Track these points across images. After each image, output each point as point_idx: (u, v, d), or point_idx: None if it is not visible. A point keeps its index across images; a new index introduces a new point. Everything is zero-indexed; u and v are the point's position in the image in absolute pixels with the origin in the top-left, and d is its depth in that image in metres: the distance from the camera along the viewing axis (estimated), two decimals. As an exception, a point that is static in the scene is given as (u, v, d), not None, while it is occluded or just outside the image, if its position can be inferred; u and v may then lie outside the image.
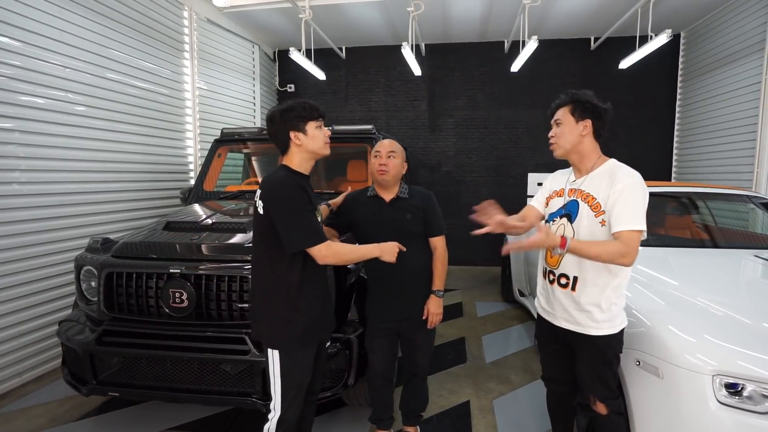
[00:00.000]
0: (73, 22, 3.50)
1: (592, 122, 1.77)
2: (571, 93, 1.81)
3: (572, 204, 1.81)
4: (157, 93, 4.49)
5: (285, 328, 1.77)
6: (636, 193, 1.64)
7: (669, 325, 1.89)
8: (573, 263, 1.77)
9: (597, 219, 1.71)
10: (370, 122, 7.26)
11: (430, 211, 2.31)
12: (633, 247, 1.59)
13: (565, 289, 1.80)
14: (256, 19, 5.91)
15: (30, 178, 3.21)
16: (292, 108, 1.79)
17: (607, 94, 6.70)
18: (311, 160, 1.86)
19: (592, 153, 1.81)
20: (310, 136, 1.80)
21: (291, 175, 1.77)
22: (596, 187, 1.75)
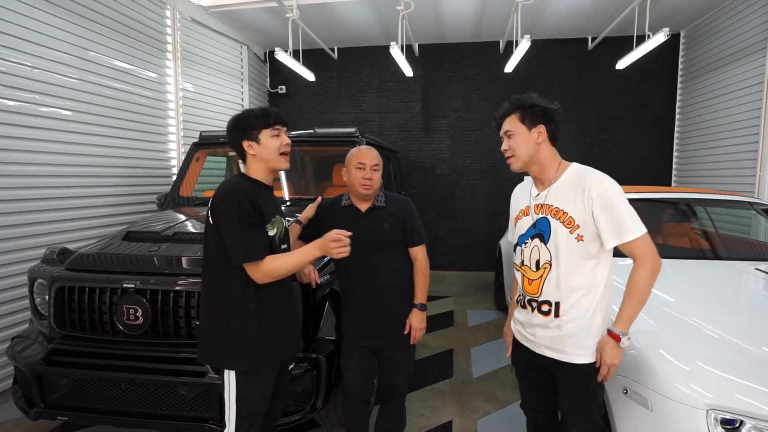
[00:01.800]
0: (42, 20, 3.36)
1: (545, 127, 1.60)
2: (515, 99, 1.64)
3: (542, 222, 1.63)
4: (136, 95, 4.34)
5: (237, 349, 1.63)
6: (616, 197, 1.49)
7: (660, 350, 1.72)
8: (554, 288, 1.60)
9: (572, 235, 1.54)
10: (362, 124, 7.19)
11: (409, 219, 2.16)
12: (651, 251, 1.47)
13: (547, 316, 1.63)
14: (243, 18, 5.76)
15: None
16: (245, 116, 1.70)
17: (605, 95, 6.60)
18: (267, 170, 1.74)
19: (551, 160, 1.64)
20: (263, 145, 1.69)
21: (244, 183, 1.67)
22: (564, 198, 1.58)
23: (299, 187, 3.81)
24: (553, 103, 1.63)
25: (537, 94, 1.63)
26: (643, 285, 1.48)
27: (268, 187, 1.77)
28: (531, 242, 1.67)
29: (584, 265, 1.55)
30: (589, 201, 1.50)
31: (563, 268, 1.56)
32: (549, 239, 1.60)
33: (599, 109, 6.61)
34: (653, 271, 1.47)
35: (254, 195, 1.62)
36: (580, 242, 1.53)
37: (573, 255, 1.55)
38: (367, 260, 2.10)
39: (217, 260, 1.63)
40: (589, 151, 6.71)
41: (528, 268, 1.68)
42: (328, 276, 2.49)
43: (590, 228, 1.51)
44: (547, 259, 1.60)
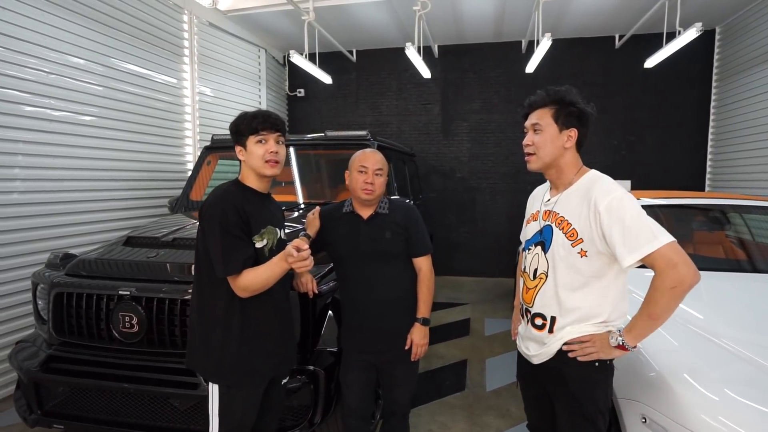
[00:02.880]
0: (58, 26, 3.41)
1: (577, 131, 1.45)
2: (553, 91, 1.46)
3: (547, 230, 1.49)
4: (153, 99, 4.38)
5: (218, 360, 1.56)
6: (627, 208, 1.30)
7: (684, 374, 1.56)
8: (549, 301, 1.46)
9: (575, 249, 1.39)
10: (380, 127, 7.10)
11: (413, 227, 2.03)
12: (676, 260, 1.23)
13: (540, 331, 1.49)
14: (260, 22, 5.77)
15: (11, 187, 3.11)
16: (238, 120, 1.64)
17: (632, 96, 6.30)
18: (259, 178, 1.66)
19: (572, 167, 1.49)
20: (250, 151, 1.62)
21: (235, 191, 1.59)
22: (571, 208, 1.43)
23: (313, 191, 3.74)
24: (590, 105, 1.47)
25: (577, 91, 1.47)
26: (657, 296, 1.26)
27: (263, 195, 1.69)
28: (534, 249, 1.55)
29: (588, 285, 1.40)
30: (596, 216, 1.33)
31: (560, 282, 1.43)
32: (549, 249, 1.46)
33: (626, 110, 6.32)
34: (676, 284, 1.23)
35: (243, 204, 1.55)
36: (583, 258, 1.38)
37: (572, 270, 1.40)
38: (367, 270, 2.00)
39: (204, 267, 1.57)
40: (615, 154, 6.43)
41: (527, 276, 1.57)
42: (332, 284, 2.40)
43: (596, 244, 1.35)
44: (544, 270, 1.48)
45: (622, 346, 1.34)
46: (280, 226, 1.73)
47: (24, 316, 3.27)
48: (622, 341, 1.34)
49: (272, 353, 1.66)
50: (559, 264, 1.42)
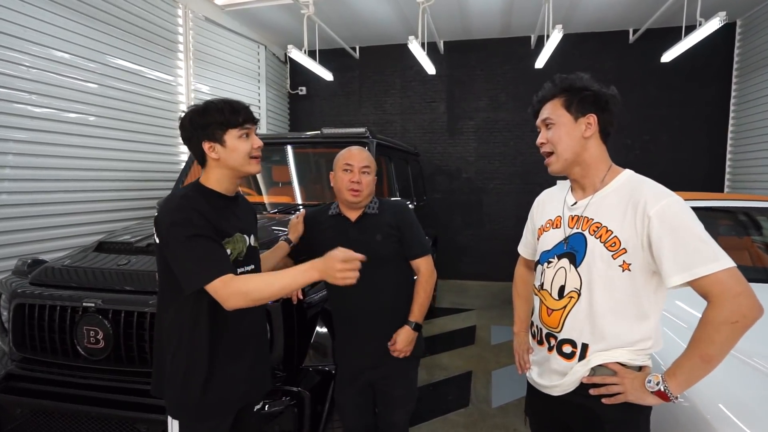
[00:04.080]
0: (42, 18, 3.24)
1: (597, 117, 1.22)
2: (561, 79, 1.26)
3: (576, 238, 1.24)
4: (145, 96, 4.20)
5: (179, 392, 1.35)
6: (685, 217, 1.07)
7: (720, 404, 1.34)
8: (582, 324, 1.22)
9: (615, 261, 1.15)
10: (384, 125, 6.89)
11: (406, 227, 1.86)
12: (736, 290, 1.01)
13: (569, 360, 1.25)
14: (259, 17, 5.58)
15: None
16: (205, 111, 1.37)
17: (647, 92, 6.00)
18: (233, 177, 1.43)
19: (599, 162, 1.25)
20: (230, 148, 1.37)
21: (193, 196, 1.35)
22: (610, 212, 1.19)
23: (309, 191, 3.55)
24: (609, 88, 1.25)
25: (589, 76, 1.25)
26: (712, 333, 1.02)
27: (229, 198, 1.45)
28: (557, 262, 1.28)
29: (630, 305, 1.16)
30: (644, 220, 1.10)
31: (597, 302, 1.18)
32: (582, 262, 1.21)
33: (641, 107, 6.04)
34: (738, 317, 0.99)
35: (205, 210, 1.32)
36: (625, 272, 1.14)
37: (613, 288, 1.16)
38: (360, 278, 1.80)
39: (169, 284, 1.36)
40: (628, 154, 6.16)
41: (548, 294, 1.30)
42: (322, 293, 2.20)
43: (641, 256, 1.12)
44: (575, 287, 1.22)
45: (663, 393, 1.09)
46: (250, 232, 1.51)
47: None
48: (665, 388, 1.08)
49: (243, 379, 1.45)
50: (596, 280, 1.18)
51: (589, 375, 1.20)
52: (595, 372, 1.20)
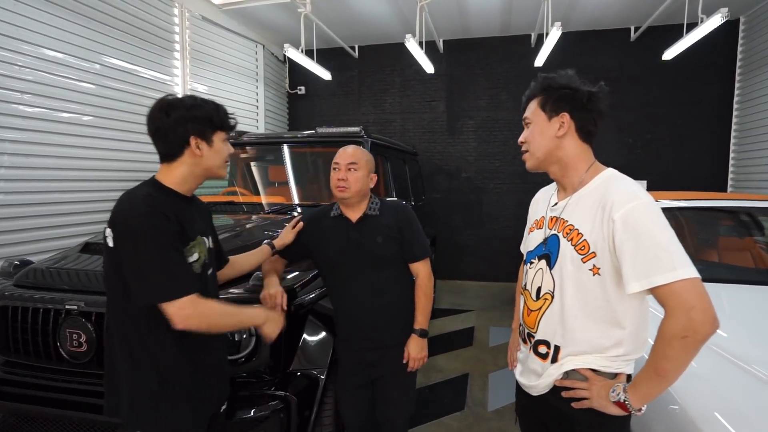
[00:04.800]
0: (35, 17, 3.22)
1: (570, 115, 1.19)
2: (542, 78, 1.25)
3: (552, 240, 1.22)
4: (140, 95, 4.17)
5: (153, 407, 1.28)
6: (650, 221, 1.03)
7: (715, 412, 1.30)
8: (554, 326, 1.20)
9: (585, 265, 1.12)
10: (383, 125, 6.85)
11: (407, 228, 1.85)
12: (692, 303, 0.96)
13: (543, 360, 1.23)
14: (257, 16, 5.55)
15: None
16: (202, 105, 1.33)
17: (649, 90, 5.93)
18: (201, 177, 1.38)
19: (578, 161, 1.22)
20: (215, 149, 1.35)
21: (156, 195, 1.27)
22: (582, 214, 1.16)
23: (304, 191, 3.50)
24: (597, 85, 1.21)
25: (574, 73, 1.22)
26: (665, 347, 0.99)
27: (188, 199, 1.39)
28: (537, 263, 1.28)
29: (602, 309, 1.12)
30: (609, 223, 1.06)
31: (568, 305, 1.16)
32: (555, 264, 1.19)
33: (642, 106, 5.98)
34: (687, 332, 0.95)
35: (171, 213, 1.24)
36: (595, 276, 1.11)
37: (583, 292, 1.13)
38: (358, 278, 1.83)
39: (117, 295, 1.26)
40: (630, 153, 6.09)
41: (529, 295, 1.30)
42: (313, 295, 2.17)
43: (608, 260, 1.09)
44: (549, 289, 1.21)
45: (622, 404, 1.07)
46: (208, 234, 1.45)
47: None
48: (625, 399, 1.06)
49: (214, 384, 1.41)
50: (567, 282, 1.16)
51: (562, 378, 1.19)
52: (568, 376, 1.18)
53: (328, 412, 2.03)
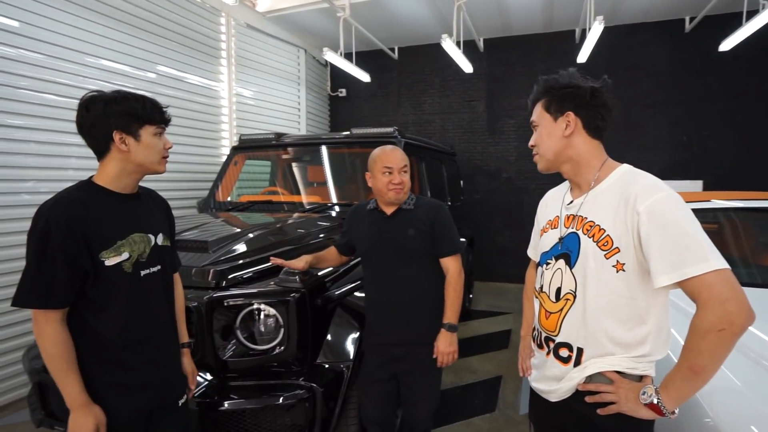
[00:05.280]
0: (100, 33, 3.51)
1: (575, 114, 1.18)
2: (543, 80, 1.25)
3: (571, 238, 1.20)
4: (189, 101, 4.44)
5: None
6: (677, 212, 1.01)
7: (752, 426, 1.22)
8: (577, 327, 1.17)
9: (608, 261, 1.09)
10: (423, 125, 6.86)
11: (439, 224, 1.90)
12: (726, 295, 0.93)
13: (565, 364, 1.20)
14: (298, 22, 5.73)
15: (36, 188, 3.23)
16: (125, 99, 1.30)
17: (705, 85, 5.60)
18: (137, 173, 1.37)
19: (590, 158, 1.21)
20: (144, 143, 1.32)
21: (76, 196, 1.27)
22: (602, 210, 1.14)
23: (340, 191, 3.59)
24: (600, 80, 1.20)
25: (575, 70, 1.22)
26: (699, 341, 0.95)
27: (127, 197, 1.37)
28: (554, 263, 1.25)
29: (626, 307, 1.10)
30: (633, 216, 1.04)
31: (592, 304, 1.13)
32: (576, 262, 1.17)
33: (698, 101, 5.63)
34: (725, 325, 0.92)
35: (87, 214, 1.24)
36: (619, 273, 1.08)
37: (608, 289, 1.11)
38: (388, 270, 1.90)
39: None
40: (684, 151, 5.75)
41: (546, 297, 1.27)
42: (345, 289, 2.25)
43: (633, 255, 1.06)
44: (571, 289, 1.18)
45: (656, 406, 1.03)
46: (157, 231, 1.44)
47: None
48: (658, 401, 1.02)
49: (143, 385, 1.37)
50: (589, 281, 1.13)
51: (585, 382, 1.15)
52: (592, 379, 1.15)
53: (354, 405, 2.09)
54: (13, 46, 3.01)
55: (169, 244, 1.52)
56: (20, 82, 3.07)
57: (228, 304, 1.92)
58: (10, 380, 3.09)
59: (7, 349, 3.05)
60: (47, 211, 1.21)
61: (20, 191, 3.10)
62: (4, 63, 2.97)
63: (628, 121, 5.84)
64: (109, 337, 1.30)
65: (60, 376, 1.23)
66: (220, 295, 1.92)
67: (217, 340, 1.92)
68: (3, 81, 2.97)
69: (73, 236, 1.21)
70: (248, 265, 2.12)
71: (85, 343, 1.28)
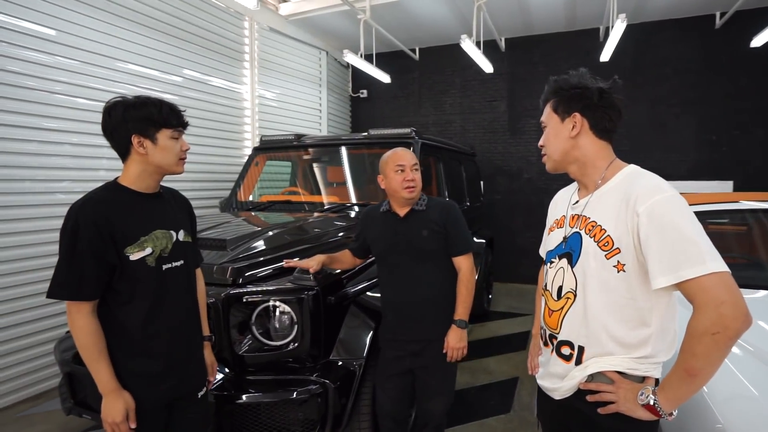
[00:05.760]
0: (130, 39, 3.66)
1: (581, 114, 1.19)
2: (553, 81, 1.25)
3: (574, 238, 1.21)
4: (213, 103, 4.57)
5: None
6: (676, 215, 1.01)
7: (762, 431, 1.21)
8: (578, 326, 1.18)
9: (609, 262, 1.10)
10: (443, 126, 6.85)
11: (452, 225, 1.95)
12: (723, 299, 0.93)
13: (567, 362, 1.21)
14: (320, 24, 5.82)
15: (70, 188, 3.39)
16: (143, 105, 1.40)
17: (736, 82, 5.41)
18: (157, 174, 1.45)
19: (596, 159, 1.21)
20: (161, 146, 1.41)
21: (103, 197, 1.36)
22: (605, 210, 1.14)
23: (359, 191, 3.64)
24: (610, 81, 1.20)
25: (586, 71, 1.23)
26: (694, 345, 0.96)
27: (150, 196, 1.46)
28: (557, 262, 1.27)
29: (627, 307, 1.10)
30: (634, 217, 1.05)
31: (591, 303, 1.14)
32: (577, 262, 1.18)
33: (729, 99, 5.44)
34: (718, 329, 0.92)
35: (112, 213, 1.33)
36: (620, 273, 1.09)
37: (607, 290, 1.12)
38: (403, 270, 1.96)
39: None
40: (713, 151, 5.57)
41: (549, 295, 1.30)
42: (360, 287, 2.30)
43: (633, 255, 1.07)
44: (571, 287, 1.20)
45: (652, 407, 1.04)
46: (178, 228, 1.52)
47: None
48: (654, 401, 1.03)
49: (166, 374, 1.44)
50: (590, 280, 1.15)
51: (587, 381, 1.16)
52: (594, 379, 1.16)
53: (366, 401, 2.13)
54: (49, 53, 3.18)
55: (191, 240, 1.60)
56: (55, 87, 3.24)
57: (244, 300, 1.99)
58: (45, 370, 3.26)
59: (41, 341, 3.21)
60: (76, 211, 1.31)
61: (55, 191, 3.27)
62: (41, 69, 3.14)
63: (655, 121, 5.70)
64: (135, 327, 1.38)
65: (92, 364, 1.33)
66: (237, 291, 1.99)
67: (234, 335, 1.99)
68: (40, 86, 3.15)
69: (100, 234, 1.30)
70: (265, 263, 2.19)
71: (113, 333, 1.37)
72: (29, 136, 3.11)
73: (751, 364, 1.46)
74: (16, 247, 3.08)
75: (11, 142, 3.02)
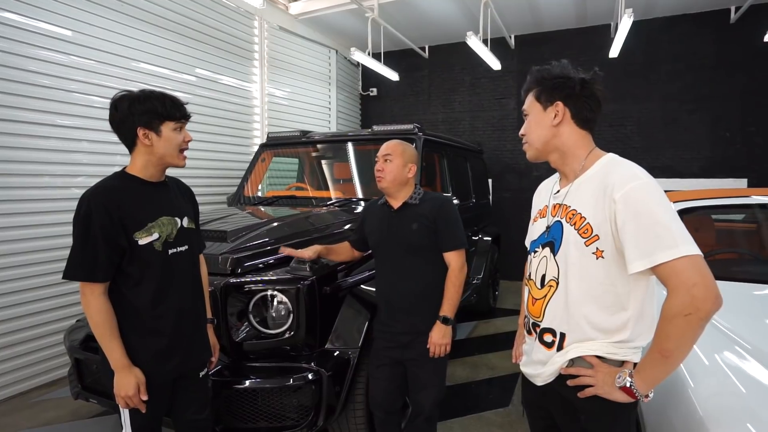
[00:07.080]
0: (143, 39, 3.78)
1: (563, 103, 1.21)
2: (536, 71, 1.27)
3: (556, 227, 1.24)
4: (223, 101, 4.68)
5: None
6: (651, 201, 1.04)
7: (748, 424, 1.21)
8: (561, 313, 1.21)
9: (588, 248, 1.13)
10: (452, 124, 6.86)
11: (442, 219, 1.96)
12: (694, 280, 0.96)
13: (549, 349, 1.24)
14: (329, 23, 5.89)
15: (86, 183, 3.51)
16: (147, 99, 1.47)
17: (751, 77, 5.31)
18: (160, 164, 1.54)
19: (576, 148, 1.23)
20: (165, 138, 1.49)
21: (113, 185, 1.46)
22: (584, 198, 1.17)
23: (362, 187, 3.69)
24: (591, 72, 1.23)
25: (567, 62, 1.25)
26: (667, 327, 0.99)
27: (156, 184, 1.55)
28: (540, 251, 1.30)
29: (606, 293, 1.13)
30: (611, 204, 1.08)
31: (573, 291, 1.17)
32: (559, 250, 1.21)
33: (744, 94, 5.33)
34: (690, 310, 0.95)
35: (120, 201, 1.42)
36: (599, 260, 1.12)
37: (587, 276, 1.15)
38: (395, 262, 2.00)
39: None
40: (728, 148, 5.46)
41: (533, 284, 1.32)
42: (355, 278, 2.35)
43: (611, 242, 1.10)
44: (554, 276, 1.23)
45: (628, 389, 1.07)
46: (183, 214, 1.60)
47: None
48: (630, 384, 1.06)
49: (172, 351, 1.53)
50: (571, 268, 1.18)
51: (567, 366, 1.19)
52: (574, 363, 1.19)
53: (360, 390, 2.17)
54: (66, 53, 3.31)
55: (195, 226, 1.69)
56: (71, 86, 3.37)
57: (242, 289, 2.05)
58: (58, 358, 3.39)
59: (54, 331, 3.35)
60: (88, 198, 1.41)
61: (72, 185, 3.40)
62: (58, 69, 3.28)
63: (667, 117, 5.61)
64: (144, 308, 1.48)
65: (105, 342, 1.43)
66: (235, 281, 2.06)
67: (231, 323, 2.06)
68: (58, 85, 3.28)
69: (111, 219, 1.40)
70: (264, 254, 2.26)
71: (124, 314, 1.46)
72: (49, 133, 3.25)
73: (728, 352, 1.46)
74: (32, 240, 3.21)
75: (32, 139, 3.16)
